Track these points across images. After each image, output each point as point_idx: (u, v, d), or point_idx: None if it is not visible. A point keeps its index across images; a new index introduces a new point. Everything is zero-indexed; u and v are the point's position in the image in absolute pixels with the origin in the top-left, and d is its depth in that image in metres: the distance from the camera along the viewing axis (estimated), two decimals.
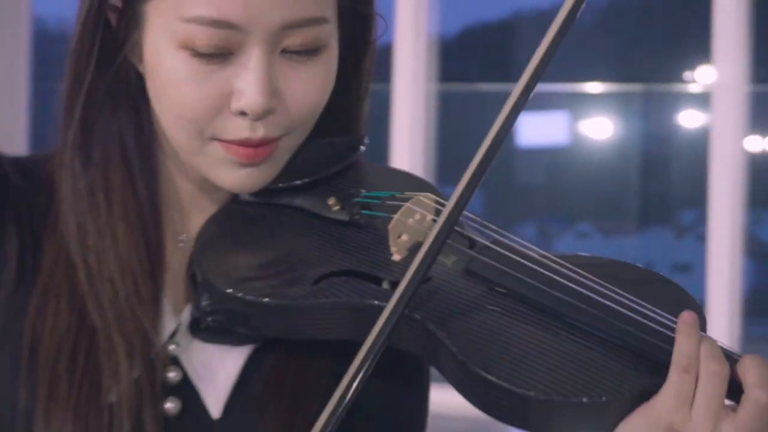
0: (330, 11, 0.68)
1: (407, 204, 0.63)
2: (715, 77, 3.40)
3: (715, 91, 3.37)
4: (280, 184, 0.69)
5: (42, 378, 0.63)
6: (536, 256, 0.61)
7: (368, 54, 0.74)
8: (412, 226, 0.62)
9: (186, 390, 0.65)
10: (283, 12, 0.65)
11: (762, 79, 3.67)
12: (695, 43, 5.00)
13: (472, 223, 0.65)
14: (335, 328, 0.57)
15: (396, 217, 0.62)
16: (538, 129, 4.91)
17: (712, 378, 0.54)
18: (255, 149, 0.66)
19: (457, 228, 0.60)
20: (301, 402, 0.63)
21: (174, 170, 0.71)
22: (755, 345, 3.65)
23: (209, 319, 0.63)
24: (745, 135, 3.42)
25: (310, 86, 0.68)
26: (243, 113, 0.65)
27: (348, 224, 0.67)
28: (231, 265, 0.63)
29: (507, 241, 0.63)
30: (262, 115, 0.65)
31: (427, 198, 0.65)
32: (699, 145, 3.84)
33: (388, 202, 0.65)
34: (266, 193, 0.70)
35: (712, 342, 0.57)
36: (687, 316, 0.56)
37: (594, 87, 4.95)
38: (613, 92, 5.10)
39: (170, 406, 0.64)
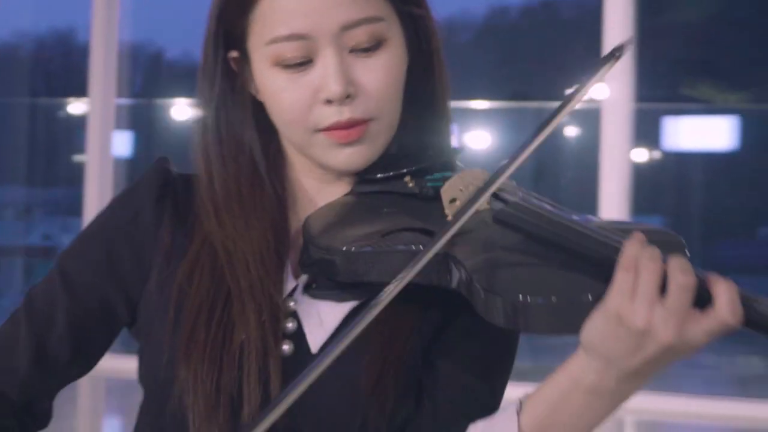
0: (383, 11, 0.83)
1: (456, 175, 0.83)
2: (604, 94, 3.76)
3: (604, 107, 3.74)
4: (378, 175, 0.87)
5: (184, 328, 0.80)
6: (550, 208, 0.80)
7: (434, 50, 0.89)
8: (460, 192, 0.81)
9: (298, 336, 0.81)
10: (337, 16, 0.81)
11: (645, 97, 4.04)
12: (576, 62, 5.44)
13: (519, 192, 0.83)
14: (400, 269, 0.75)
15: (446, 184, 0.82)
16: None
17: (650, 275, 0.69)
18: (348, 130, 0.82)
19: (496, 191, 0.79)
20: (389, 342, 0.81)
21: (301, 172, 0.89)
22: None
23: (313, 269, 0.81)
24: (631, 147, 3.81)
25: (378, 74, 0.83)
26: (329, 101, 0.81)
27: (418, 196, 0.86)
28: (324, 228, 0.82)
29: (531, 198, 0.82)
30: (343, 100, 0.81)
31: (474, 173, 0.83)
32: (586, 156, 4.24)
33: (448, 179, 0.84)
34: (372, 183, 0.87)
35: (655, 250, 0.70)
36: (636, 234, 0.72)
37: (477, 104, 5.35)
38: (496, 108, 5.52)
39: (286, 348, 0.80)
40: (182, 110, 5.75)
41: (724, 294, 0.68)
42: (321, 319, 0.81)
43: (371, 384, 0.81)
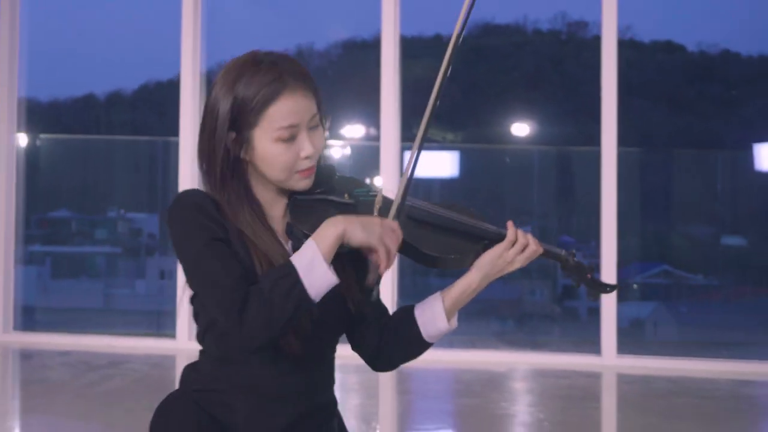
0: (317, 111, 1.55)
1: (380, 193, 1.59)
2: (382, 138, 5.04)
3: (382, 148, 5.06)
4: (318, 190, 1.60)
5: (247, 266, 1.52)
6: (429, 204, 1.63)
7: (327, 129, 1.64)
8: (379, 201, 1.59)
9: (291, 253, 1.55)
10: (308, 113, 1.52)
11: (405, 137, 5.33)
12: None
13: (422, 201, 1.64)
14: None
15: (377, 197, 1.58)
16: None
17: (534, 248, 1.61)
18: (310, 170, 1.54)
19: (401, 200, 1.56)
20: (348, 277, 1.57)
21: (263, 190, 1.59)
22: None
23: (293, 236, 1.56)
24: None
25: (320, 140, 1.56)
26: (307, 158, 1.53)
27: (354, 205, 1.59)
28: (299, 218, 1.57)
29: (419, 202, 1.62)
30: (312, 156, 1.53)
31: (380, 191, 1.60)
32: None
33: (370, 193, 1.61)
34: (310, 193, 1.59)
35: (538, 244, 1.62)
36: (509, 223, 1.61)
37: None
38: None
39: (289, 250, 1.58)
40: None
41: (533, 242, 1.62)
42: (309, 259, 1.50)
43: (344, 292, 1.58)
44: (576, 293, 6.64)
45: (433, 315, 1.64)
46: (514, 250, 1.62)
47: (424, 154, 1.60)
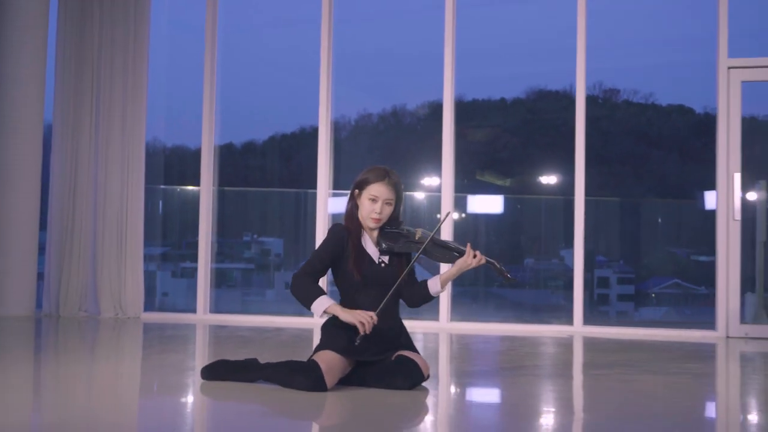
0: (393, 197, 3.81)
1: (419, 231, 3.87)
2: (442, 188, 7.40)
3: (443, 195, 7.44)
4: (390, 229, 3.86)
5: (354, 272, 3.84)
6: (441, 240, 3.89)
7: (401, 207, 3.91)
8: (419, 233, 3.85)
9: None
10: (387, 197, 3.78)
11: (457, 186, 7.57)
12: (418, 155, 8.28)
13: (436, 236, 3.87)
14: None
15: (418, 233, 3.85)
16: None
17: (477, 259, 3.84)
18: (378, 220, 3.79)
19: (433, 238, 3.81)
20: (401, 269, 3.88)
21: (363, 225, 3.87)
22: None
23: (384, 252, 3.85)
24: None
25: (387, 211, 3.80)
26: (378, 213, 3.77)
27: (406, 235, 3.86)
28: (384, 240, 3.84)
29: (437, 238, 3.87)
30: (381, 217, 3.78)
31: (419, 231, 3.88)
32: None
33: (415, 231, 3.86)
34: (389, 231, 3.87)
35: (480, 257, 3.90)
36: (468, 246, 3.83)
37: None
38: None
39: (382, 265, 3.88)
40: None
41: (479, 256, 3.80)
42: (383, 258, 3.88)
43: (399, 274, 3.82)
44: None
45: (434, 284, 3.88)
46: (469, 258, 3.78)
47: (477, 197, 4.13)
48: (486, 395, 4.13)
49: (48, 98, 7.73)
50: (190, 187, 8.50)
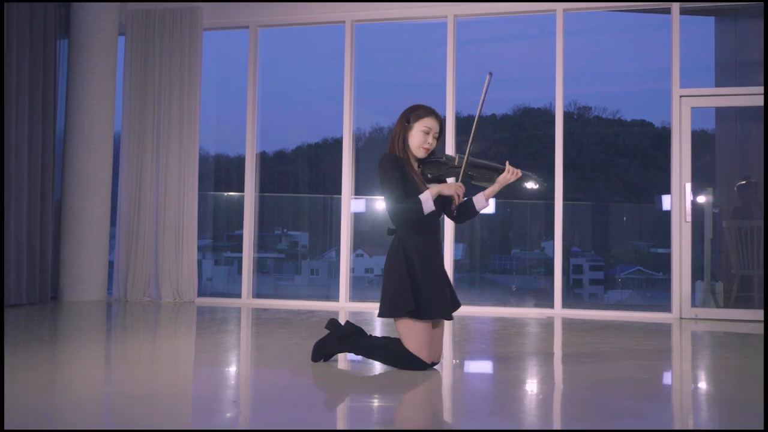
0: (438, 131, 3.46)
1: (458, 156, 3.48)
2: None
3: None
4: (432, 158, 3.48)
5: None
6: (478, 160, 3.52)
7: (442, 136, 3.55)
8: (458, 159, 3.49)
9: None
10: (437, 130, 3.46)
11: None
12: None
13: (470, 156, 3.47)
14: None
15: (456, 158, 3.46)
16: None
17: (516, 173, 3.50)
18: (428, 150, 3.45)
19: (467, 158, 3.45)
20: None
21: (410, 155, 3.51)
22: None
23: (433, 179, 3.57)
24: None
25: (435, 142, 3.46)
26: (429, 143, 3.44)
27: (445, 162, 3.49)
28: (426, 167, 3.53)
29: (474, 159, 3.51)
30: (431, 147, 3.45)
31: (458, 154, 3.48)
32: None
33: (454, 156, 3.50)
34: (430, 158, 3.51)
35: (518, 171, 3.53)
36: (507, 163, 3.52)
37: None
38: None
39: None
40: None
41: (516, 171, 3.52)
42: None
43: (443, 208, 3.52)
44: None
45: (479, 200, 3.53)
46: (509, 174, 3.47)
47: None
48: (483, 368, 4.01)
49: (117, 120, 7.82)
50: (233, 193, 8.45)
